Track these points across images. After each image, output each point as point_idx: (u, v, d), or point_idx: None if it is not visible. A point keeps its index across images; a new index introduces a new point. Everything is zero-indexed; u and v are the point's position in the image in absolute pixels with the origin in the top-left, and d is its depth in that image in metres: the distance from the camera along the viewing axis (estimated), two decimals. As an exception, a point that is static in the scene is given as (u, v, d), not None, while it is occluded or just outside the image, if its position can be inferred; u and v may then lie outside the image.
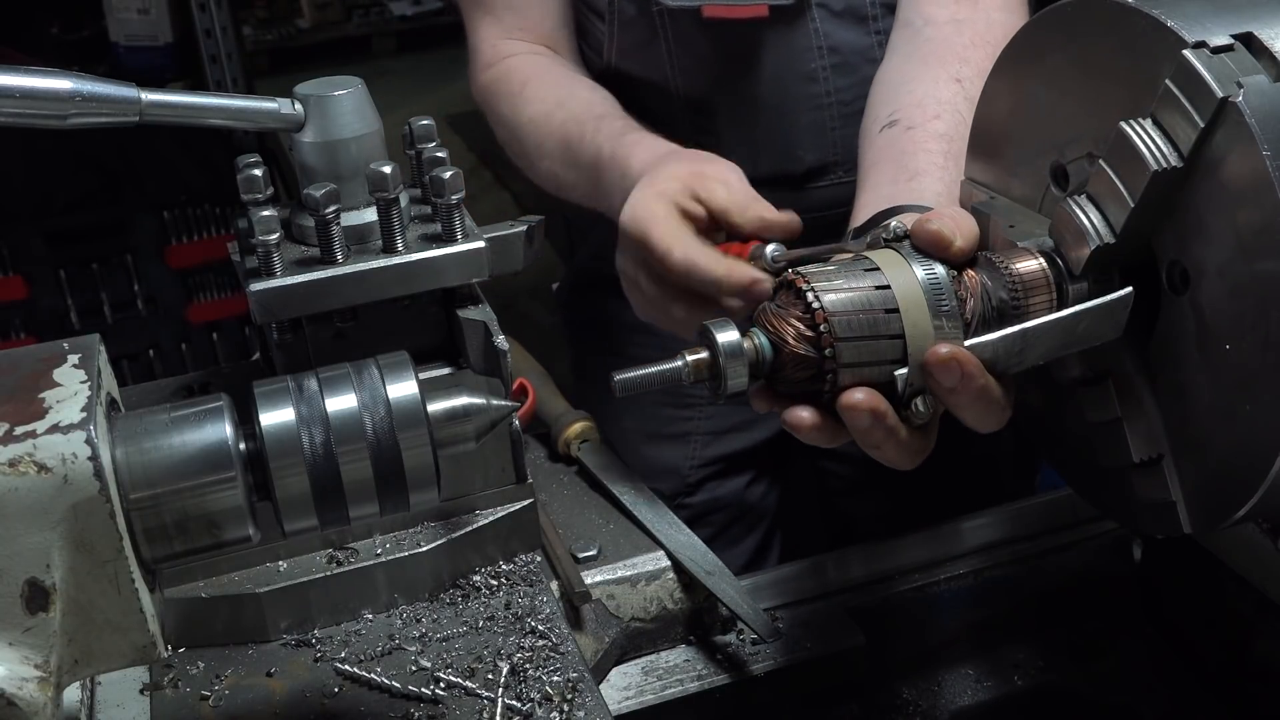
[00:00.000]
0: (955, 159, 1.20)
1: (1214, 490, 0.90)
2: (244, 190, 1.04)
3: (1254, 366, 0.84)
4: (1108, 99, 0.93)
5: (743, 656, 1.13)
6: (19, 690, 0.72)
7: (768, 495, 1.80)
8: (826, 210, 1.55)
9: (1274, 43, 0.85)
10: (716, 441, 1.71)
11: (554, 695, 0.96)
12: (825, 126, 1.55)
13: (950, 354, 0.89)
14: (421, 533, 1.08)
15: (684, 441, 1.70)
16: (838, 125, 1.55)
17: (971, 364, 0.89)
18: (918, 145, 1.25)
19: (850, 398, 0.90)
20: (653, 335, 1.69)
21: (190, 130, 1.27)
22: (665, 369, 0.91)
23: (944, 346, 0.89)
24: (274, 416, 0.78)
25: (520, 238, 1.14)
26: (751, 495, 1.77)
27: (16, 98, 0.90)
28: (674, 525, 1.17)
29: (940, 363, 0.89)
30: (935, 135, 1.25)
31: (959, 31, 1.40)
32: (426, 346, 1.09)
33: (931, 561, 1.30)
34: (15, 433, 0.71)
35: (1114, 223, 0.90)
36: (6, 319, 2.85)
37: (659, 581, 1.13)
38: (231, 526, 0.77)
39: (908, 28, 1.48)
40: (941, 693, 1.28)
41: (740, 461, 1.75)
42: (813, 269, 0.93)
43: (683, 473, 1.70)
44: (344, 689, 0.98)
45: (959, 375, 0.89)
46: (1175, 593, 1.31)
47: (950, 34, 1.40)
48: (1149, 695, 1.29)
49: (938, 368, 0.89)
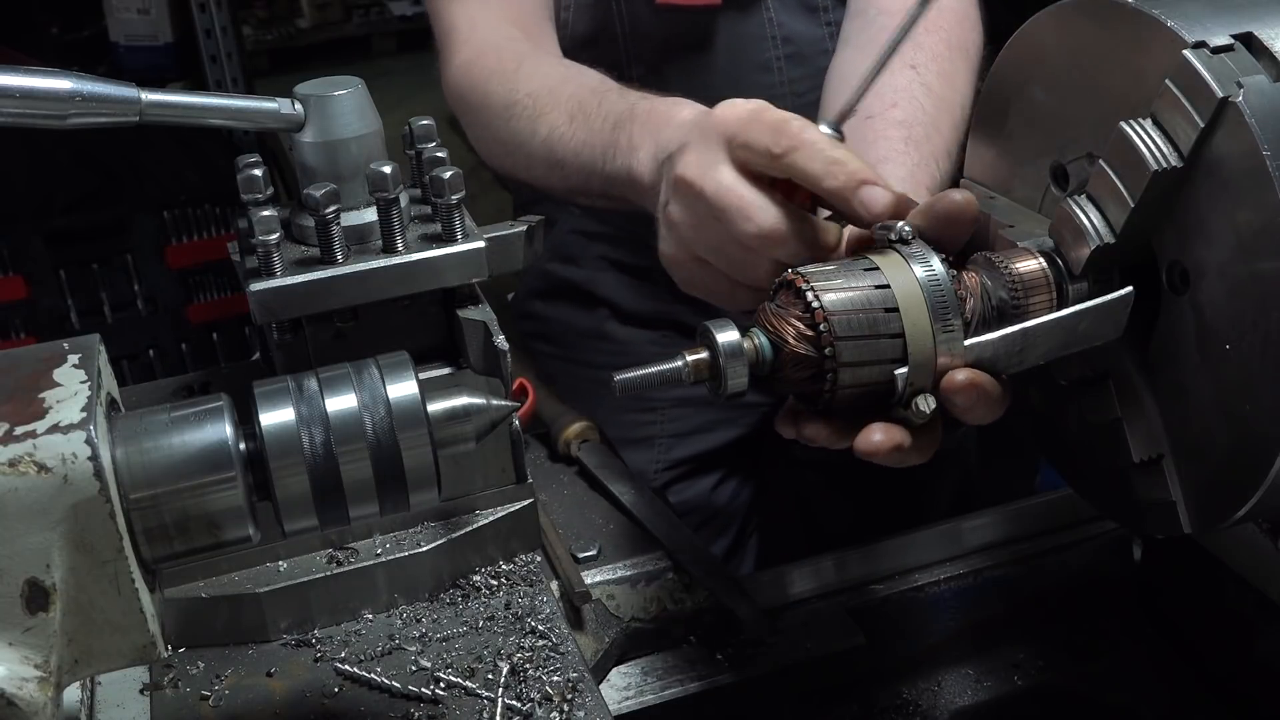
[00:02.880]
0: (916, 144, 1.20)
1: (1214, 490, 0.90)
2: (244, 190, 1.04)
3: (1254, 366, 0.84)
4: (1108, 99, 0.93)
5: (743, 656, 1.13)
6: (19, 690, 0.72)
7: (737, 497, 1.80)
8: None
9: (1274, 43, 0.85)
10: (681, 444, 1.71)
11: (554, 695, 0.96)
12: None
13: (968, 381, 0.89)
14: (421, 533, 1.08)
15: (649, 445, 1.70)
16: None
17: (988, 385, 0.90)
18: (877, 134, 1.25)
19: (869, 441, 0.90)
20: (612, 341, 1.70)
21: (190, 130, 1.27)
22: (665, 369, 0.91)
23: (961, 373, 0.89)
24: (274, 416, 0.78)
25: (520, 238, 1.14)
26: (719, 497, 1.76)
27: (16, 98, 0.90)
28: (674, 525, 1.17)
29: (958, 389, 0.89)
30: (894, 123, 1.26)
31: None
32: (426, 346, 1.09)
33: (931, 561, 1.30)
34: (15, 433, 0.71)
35: (1114, 223, 0.90)
36: (6, 319, 2.85)
37: (659, 581, 1.13)
38: (231, 526, 0.77)
39: (860, 17, 1.49)
40: (941, 693, 1.28)
41: (707, 463, 1.74)
42: (812, 268, 0.93)
43: (649, 476, 1.69)
44: (344, 689, 0.98)
45: (975, 397, 0.89)
46: (1175, 593, 1.31)
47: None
48: (1149, 695, 1.29)
49: (956, 393, 0.89)
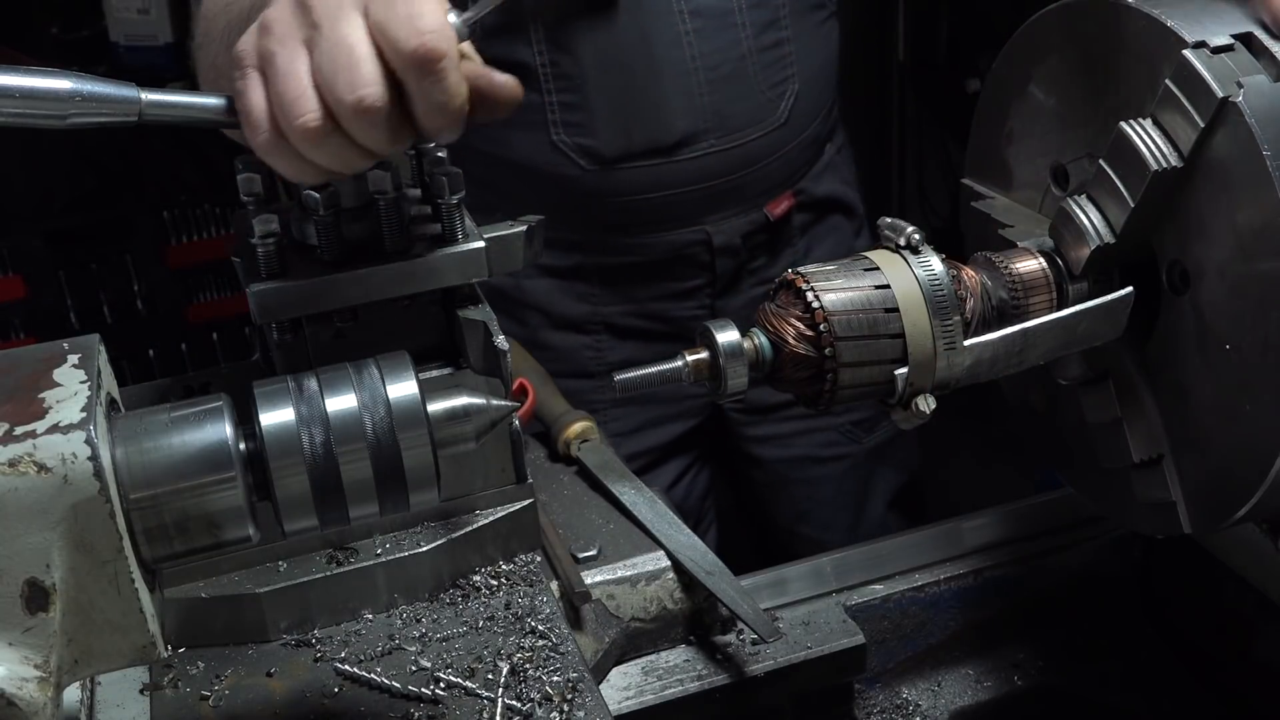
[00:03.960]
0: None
1: (1214, 490, 0.90)
2: (244, 190, 1.04)
3: (1254, 366, 0.84)
4: (1108, 99, 0.93)
5: (743, 656, 1.12)
6: (19, 690, 0.72)
7: (688, 498, 1.81)
8: (701, 183, 1.58)
9: (1274, 43, 0.85)
10: (625, 442, 1.70)
11: (554, 695, 0.96)
12: (694, 92, 1.54)
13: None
14: (421, 533, 1.08)
15: None
16: (705, 92, 1.55)
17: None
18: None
19: None
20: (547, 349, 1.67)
21: (190, 130, 1.27)
22: (665, 369, 0.92)
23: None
24: (274, 416, 0.78)
25: (520, 238, 1.13)
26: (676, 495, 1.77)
27: (16, 98, 0.90)
28: (674, 525, 1.17)
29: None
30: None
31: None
32: (426, 346, 1.09)
33: (931, 561, 1.30)
34: (15, 433, 0.71)
35: (1114, 223, 0.90)
36: (6, 319, 2.85)
37: (659, 581, 1.13)
38: (231, 526, 0.77)
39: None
40: (941, 693, 1.28)
41: (658, 459, 1.75)
42: (812, 268, 0.93)
43: None
44: (344, 689, 0.98)
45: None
46: (1175, 593, 1.31)
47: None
48: (1149, 695, 1.29)
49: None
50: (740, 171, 1.60)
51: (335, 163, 0.91)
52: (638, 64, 1.52)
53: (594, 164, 1.56)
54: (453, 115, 0.89)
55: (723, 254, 1.65)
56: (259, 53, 0.91)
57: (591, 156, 1.55)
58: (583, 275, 1.67)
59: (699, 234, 1.63)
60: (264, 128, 0.90)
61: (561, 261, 1.65)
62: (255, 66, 0.91)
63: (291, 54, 0.89)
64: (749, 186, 1.63)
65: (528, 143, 1.56)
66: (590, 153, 1.55)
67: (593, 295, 1.68)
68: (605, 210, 1.60)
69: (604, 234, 1.63)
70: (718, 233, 1.64)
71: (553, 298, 1.68)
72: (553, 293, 1.68)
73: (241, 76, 0.92)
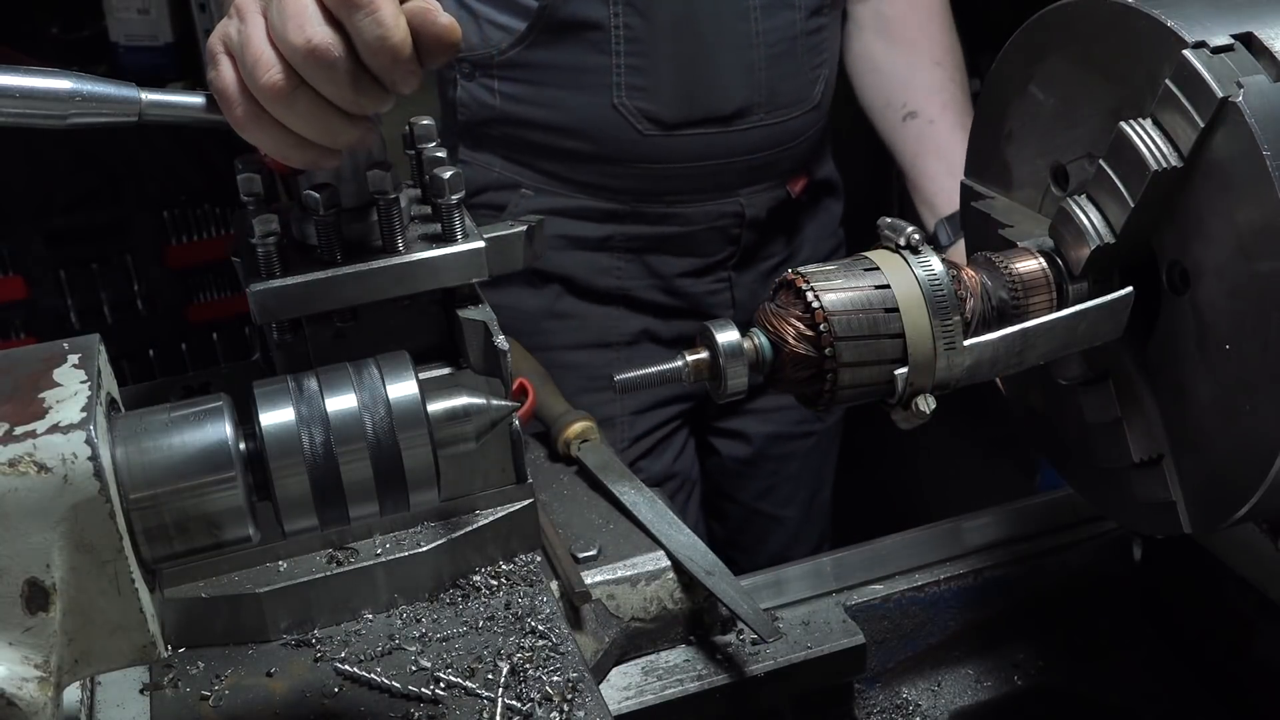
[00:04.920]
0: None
1: (1214, 490, 0.90)
2: (244, 190, 1.04)
3: (1254, 366, 0.84)
4: (1108, 99, 0.93)
5: (743, 656, 1.13)
6: (19, 690, 0.72)
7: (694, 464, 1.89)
8: (745, 155, 1.66)
9: (1274, 43, 0.85)
10: (642, 419, 1.77)
11: (554, 695, 0.96)
12: (754, 66, 1.61)
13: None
14: (421, 533, 1.08)
15: (611, 425, 1.74)
16: (764, 66, 1.61)
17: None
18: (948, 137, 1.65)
19: None
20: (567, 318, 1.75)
21: (190, 130, 1.27)
22: (665, 369, 0.92)
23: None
24: (274, 416, 0.78)
25: (520, 238, 1.14)
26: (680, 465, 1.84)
27: (16, 98, 0.90)
28: (674, 525, 1.17)
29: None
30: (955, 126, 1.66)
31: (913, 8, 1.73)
32: (426, 346, 1.09)
33: (931, 561, 1.30)
34: (15, 433, 0.71)
35: (1114, 223, 0.90)
36: (6, 319, 2.85)
37: (659, 581, 1.13)
38: (231, 526, 0.77)
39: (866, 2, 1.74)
40: (941, 693, 1.28)
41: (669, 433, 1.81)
42: (812, 269, 0.93)
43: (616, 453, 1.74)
44: (344, 689, 0.98)
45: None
46: (1175, 593, 1.31)
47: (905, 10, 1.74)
48: (1149, 695, 1.29)
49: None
50: (779, 147, 1.68)
51: (314, 128, 0.92)
52: (707, 32, 1.58)
53: (653, 128, 1.60)
54: (394, 51, 0.89)
55: (750, 227, 1.73)
56: (224, 38, 0.94)
57: (652, 120, 1.60)
58: (610, 247, 1.71)
59: (734, 204, 1.70)
60: (237, 100, 0.92)
61: (593, 233, 1.70)
62: (224, 52, 0.94)
63: (251, 25, 0.91)
64: (782, 163, 1.71)
65: (587, 106, 1.60)
66: (651, 117, 1.60)
67: (617, 269, 1.73)
68: (652, 177, 1.65)
69: (644, 202, 1.68)
70: (750, 205, 1.71)
71: (577, 268, 1.72)
72: (578, 264, 1.72)
73: (214, 65, 0.94)
